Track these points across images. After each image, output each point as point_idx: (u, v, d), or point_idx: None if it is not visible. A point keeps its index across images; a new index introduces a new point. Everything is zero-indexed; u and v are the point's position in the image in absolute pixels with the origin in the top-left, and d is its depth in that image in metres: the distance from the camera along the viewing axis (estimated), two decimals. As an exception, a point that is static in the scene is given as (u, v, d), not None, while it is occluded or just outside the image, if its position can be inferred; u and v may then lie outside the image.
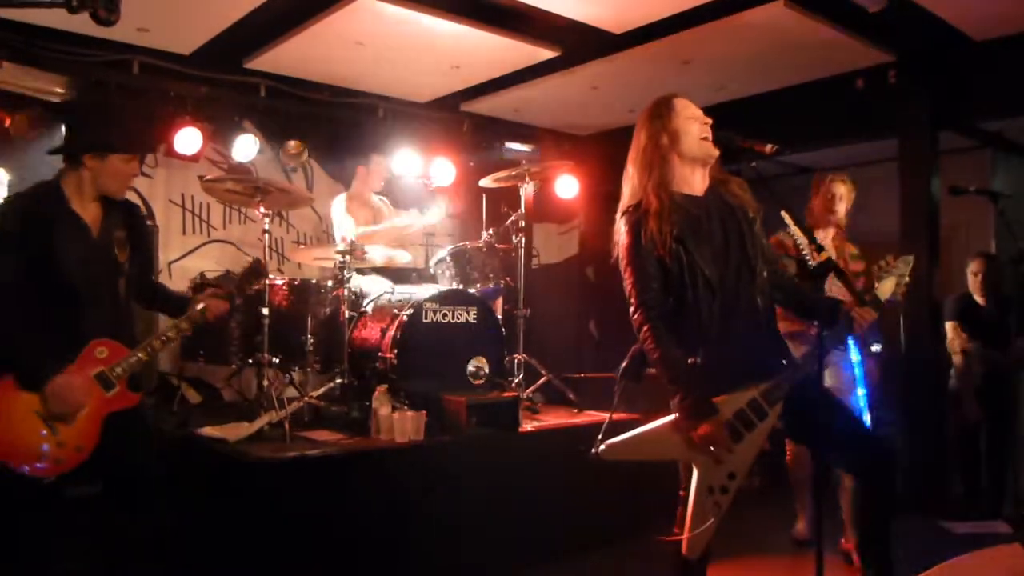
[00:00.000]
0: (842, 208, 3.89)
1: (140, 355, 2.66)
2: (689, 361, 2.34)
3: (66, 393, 2.48)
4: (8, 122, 4.57)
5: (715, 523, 2.29)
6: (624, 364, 2.58)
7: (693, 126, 2.48)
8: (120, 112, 2.98)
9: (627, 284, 2.43)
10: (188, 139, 5.00)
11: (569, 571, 3.70)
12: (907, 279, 2.47)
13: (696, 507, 2.30)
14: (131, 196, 3.00)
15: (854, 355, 3.77)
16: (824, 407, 2.43)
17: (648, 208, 2.39)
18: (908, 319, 4.90)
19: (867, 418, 3.78)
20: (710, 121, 2.50)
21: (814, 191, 3.97)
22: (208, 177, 4.23)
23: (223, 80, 5.23)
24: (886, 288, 2.44)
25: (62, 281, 2.55)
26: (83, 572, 3.02)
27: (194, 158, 5.14)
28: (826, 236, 3.86)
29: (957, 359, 4.80)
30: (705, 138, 2.46)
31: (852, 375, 3.75)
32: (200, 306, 2.84)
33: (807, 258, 2.71)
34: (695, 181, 2.50)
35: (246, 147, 5.24)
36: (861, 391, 3.77)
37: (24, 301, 2.50)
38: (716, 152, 2.47)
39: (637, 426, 2.38)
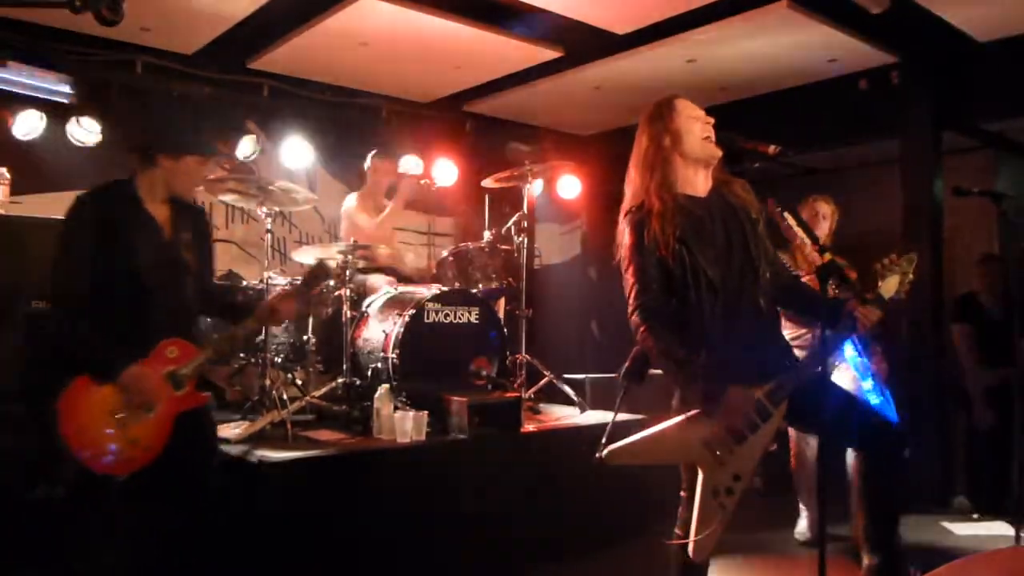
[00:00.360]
0: (825, 226, 4.07)
1: (209, 355, 2.67)
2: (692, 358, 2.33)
3: (140, 382, 2.49)
4: (10, 122, 4.58)
5: (721, 525, 2.28)
6: (626, 366, 2.57)
7: (695, 126, 2.47)
8: (194, 114, 2.98)
9: (627, 284, 2.42)
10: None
11: (571, 571, 3.69)
12: (911, 277, 2.46)
13: (702, 509, 2.29)
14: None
15: (849, 350, 3.78)
16: (827, 393, 2.44)
17: (651, 209, 2.38)
18: (912, 320, 4.90)
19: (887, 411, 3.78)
20: (712, 121, 2.50)
21: (799, 211, 4.04)
22: (211, 177, 4.23)
23: (226, 80, 5.23)
24: (890, 286, 2.43)
25: (134, 280, 2.55)
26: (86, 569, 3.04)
27: (197, 158, 5.14)
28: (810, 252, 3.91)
29: (965, 360, 4.79)
30: (707, 138, 2.45)
31: (853, 364, 3.77)
32: (270, 308, 2.84)
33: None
34: (698, 182, 2.49)
35: (249, 147, 5.25)
36: (868, 384, 3.76)
37: (96, 300, 2.50)
38: (718, 152, 2.46)
39: (641, 426, 2.38)
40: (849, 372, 3.80)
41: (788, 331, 3.66)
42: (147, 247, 2.58)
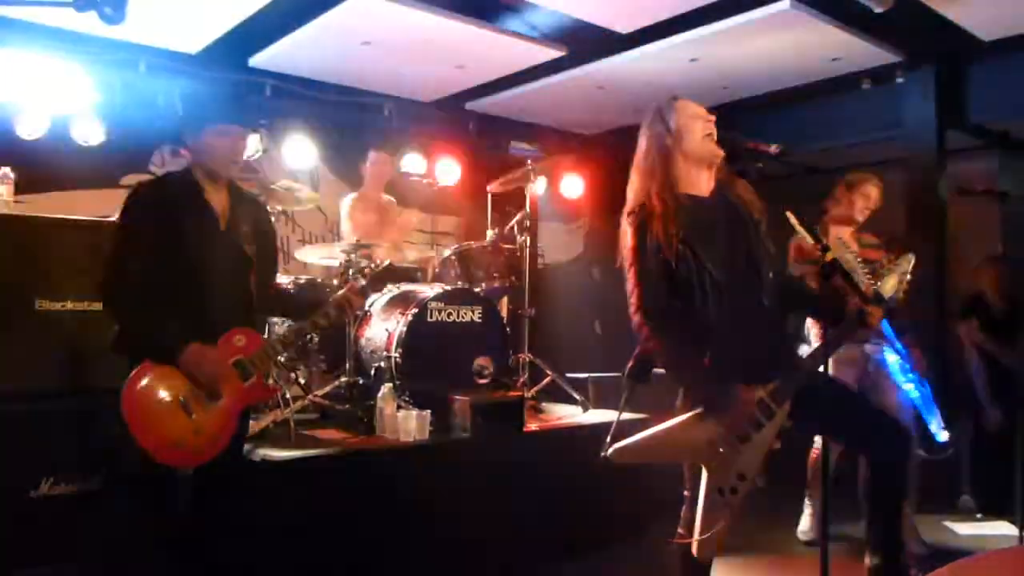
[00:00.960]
0: (870, 209, 3.90)
1: (278, 347, 2.62)
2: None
3: (202, 360, 2.41)
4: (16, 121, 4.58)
5: (725, 525, 2.28)
6: (630, 366, 2.57)
7: (696, 125, 2.46)
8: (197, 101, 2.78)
9: (630, 285, 2.42)
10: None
11: (574, 570, 3.69)
12: (909, 276, 2.46)
13: (706, 509, 2.29)
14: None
15: (891, 354, 3.74)
16: (830, 393, 2.46)
17: (653, 211, 2.38)
18: (915, 320, 4.89)
19: (931, 417, 3.75)
20: (713, 119, 2.49)
21: (843, 189, 3.91)
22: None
23: (229, 79, 5.24)
24: (888, 286, 2.44)
25: (190, 268, 2.50)
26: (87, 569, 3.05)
27: (200, 157, 5.15)
28: (843, 231, 3.79)
29: (973, 359, 4.78)
30: (709, 136, 2.45)
31: (894, 370, 3.73)
32: (344, 301, 2.77)
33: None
34: (701, 182, 2.49)
35: (251, 146, 5.24)
36: (910, 385, 3.73)
37: (155, 289, 2.44)
38: (720, 152, 2.46)
39: (645, 425, 2.38)
40: (889, 380, 3.74)
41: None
42: (202, 235, 2.53)
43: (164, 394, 2.40)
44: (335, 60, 5.16)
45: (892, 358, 3.75)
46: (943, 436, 3.77)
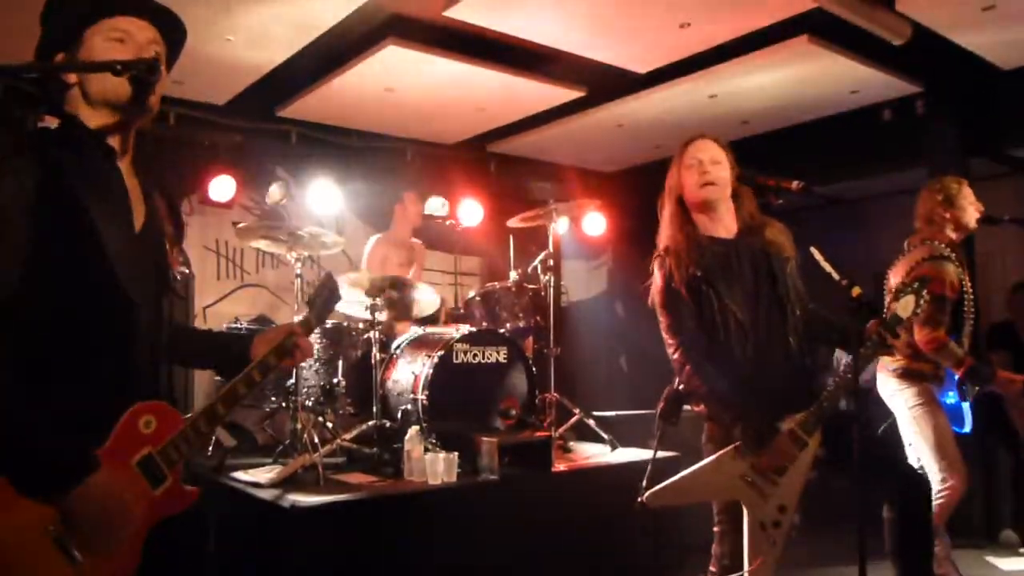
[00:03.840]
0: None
1: (202, 426, 1.67)
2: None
3: (105, 500, 1.45)
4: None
5: (773, 559, 2.28)
6: (661, 407, 2.57)
7: (691, 175, 2.52)
8: None
9: (663, 326, 2.48)
10: (222, 187, 5.14)
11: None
12: (926, 296, 2.45)
13: (751, 544, 2.29)
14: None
15: (950, 397, 3.60)
16: (858, 438, 2.41)
17: (674, 253, 2.46)
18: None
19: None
20: (709, 169, 2.49)
21: (942, 194, 3.56)
22: (241, 224, 4.31)
23: (256, 128, 5.36)
24: (906, 305, 2.41)
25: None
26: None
27: (228, 205, 5.27)
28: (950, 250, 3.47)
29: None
30: (707, 184, 2.48)
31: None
32: (283, 345, 1.82)
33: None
34: (718, 225, 2.53)
35: (278, 193, 5.35)
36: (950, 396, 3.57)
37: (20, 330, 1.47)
38: (715, 196, 2.49)
39: (675, 463, 2.38)
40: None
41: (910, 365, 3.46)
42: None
43: (30, 530, 1.39)
44: (358, 107, 5.26)
45: (951, 399, 3.62)
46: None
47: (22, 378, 1.43)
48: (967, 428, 3.54)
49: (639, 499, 2.35)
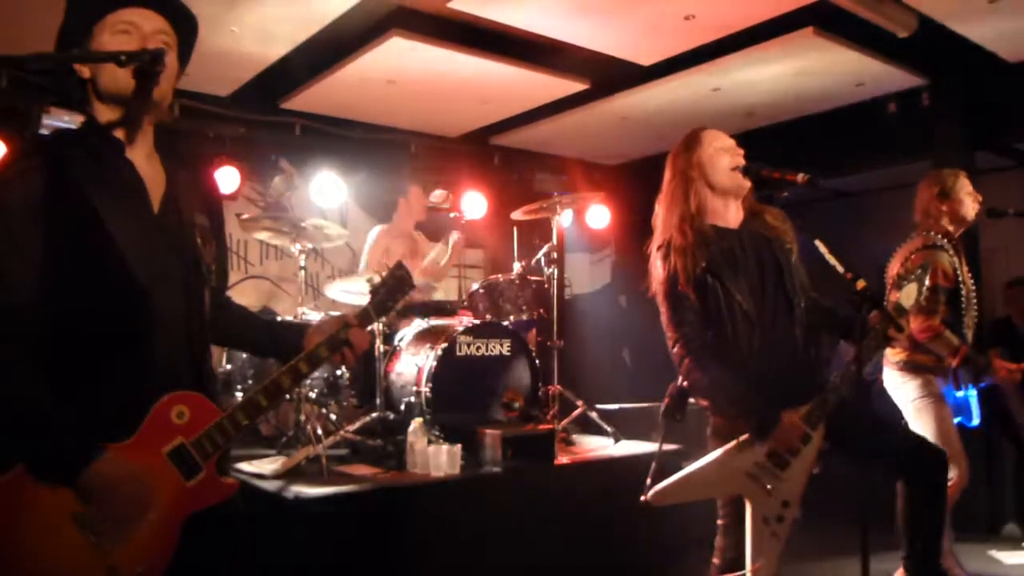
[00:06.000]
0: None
1: (240, 418, 1.64)
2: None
3: (121, 485, 1.48)
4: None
5: (775, 554, 2.27)
6: (665, 403, 2.56)
7: (722, 157, 2.48)
8: None
9: (664, 319, 2.44)
10: (226, 178, 5.13)
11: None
12: (928, 282, 2.44)
13: (754, 540, 2.28)
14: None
15: (958, 391, 3.54)
16: (865, 417, 2.45)
17: (679, 243, 2.41)
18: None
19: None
20: (742, 151, 2.50)
21: (938, 187, 3.51)
22: (246, 216, 4.31)
23: (260, 120, 5.36)
24: (909, 294, 2.41)
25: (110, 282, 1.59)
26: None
27: (232, 196, 5.27)
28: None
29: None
30: (736, 168, 2.46)
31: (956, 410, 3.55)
32: (335, 337, 1.80)
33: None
34: (728, 214, 2.50)
35: (282, 185, 5.35)
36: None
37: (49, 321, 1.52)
38: (747, 183, 2.47)
39: (679, 457, 2.38)
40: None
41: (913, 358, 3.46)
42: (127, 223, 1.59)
43: (55, 514, 1.45)
44: (362, 99, 5.26)
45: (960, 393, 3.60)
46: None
47: (42, 377, 1.48)
48: (976, 421, 3.53)
49: (643, 497, 2.34)
